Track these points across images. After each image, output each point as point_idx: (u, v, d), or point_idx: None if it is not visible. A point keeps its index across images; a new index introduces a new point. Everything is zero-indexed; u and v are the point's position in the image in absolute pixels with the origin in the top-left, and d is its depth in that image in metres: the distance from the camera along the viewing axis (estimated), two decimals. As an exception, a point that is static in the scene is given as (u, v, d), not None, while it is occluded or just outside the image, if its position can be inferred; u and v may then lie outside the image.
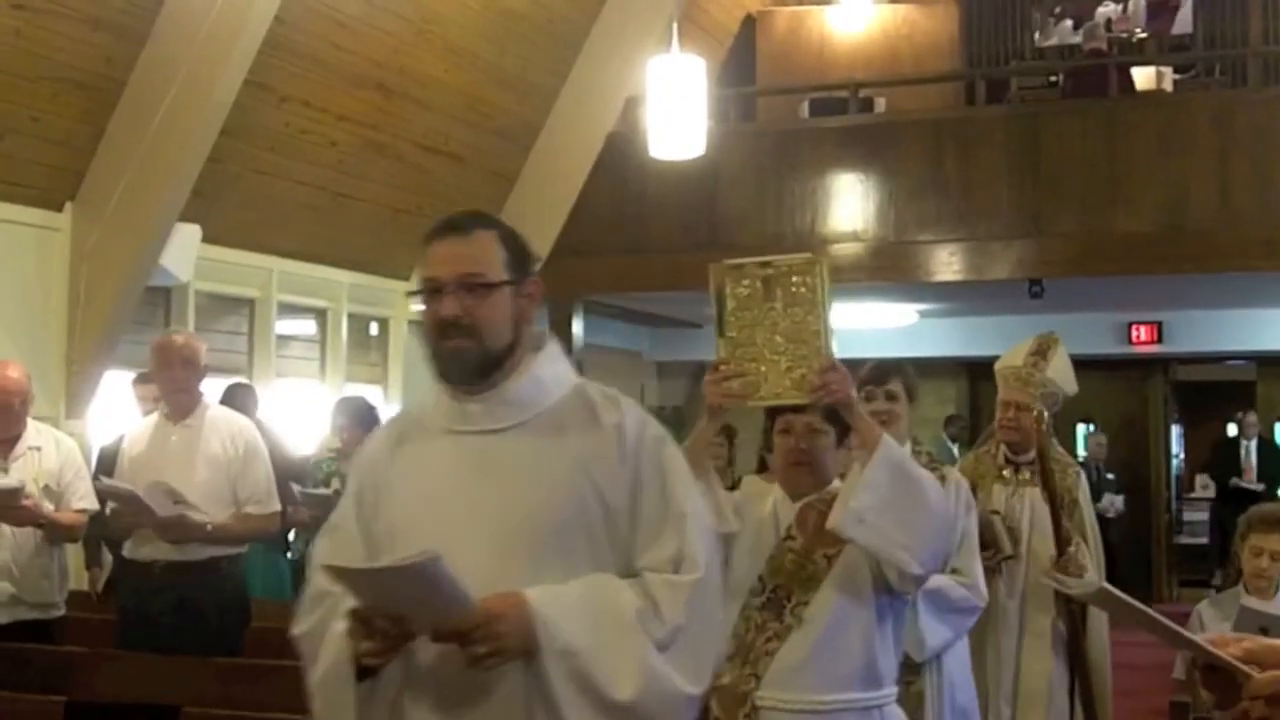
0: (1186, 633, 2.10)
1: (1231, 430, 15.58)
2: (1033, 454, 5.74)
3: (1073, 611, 5.61)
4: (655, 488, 2.79)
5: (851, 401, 3.68)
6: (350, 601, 2.64)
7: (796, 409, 3.82)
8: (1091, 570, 5.58)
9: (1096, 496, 14.41)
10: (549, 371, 2.91)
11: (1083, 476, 5.96)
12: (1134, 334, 14.92)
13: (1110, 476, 14.76)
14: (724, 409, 3.80)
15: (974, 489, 5.46)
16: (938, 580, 4.65)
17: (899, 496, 3.63)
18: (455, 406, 2.86)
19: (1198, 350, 15.30)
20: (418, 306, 2.88)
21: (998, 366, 5.92)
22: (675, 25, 9.29)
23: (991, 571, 5.39)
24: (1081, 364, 15.97)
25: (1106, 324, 14.79)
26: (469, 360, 2.80)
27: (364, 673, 2.68)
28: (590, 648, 2.61)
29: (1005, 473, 5.84)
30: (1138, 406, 16.23)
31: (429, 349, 2.85)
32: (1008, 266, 11.42)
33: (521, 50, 11.16)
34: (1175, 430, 17.09)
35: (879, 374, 5.03)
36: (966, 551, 4.85)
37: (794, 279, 3.66)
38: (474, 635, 2.55)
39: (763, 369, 3.67)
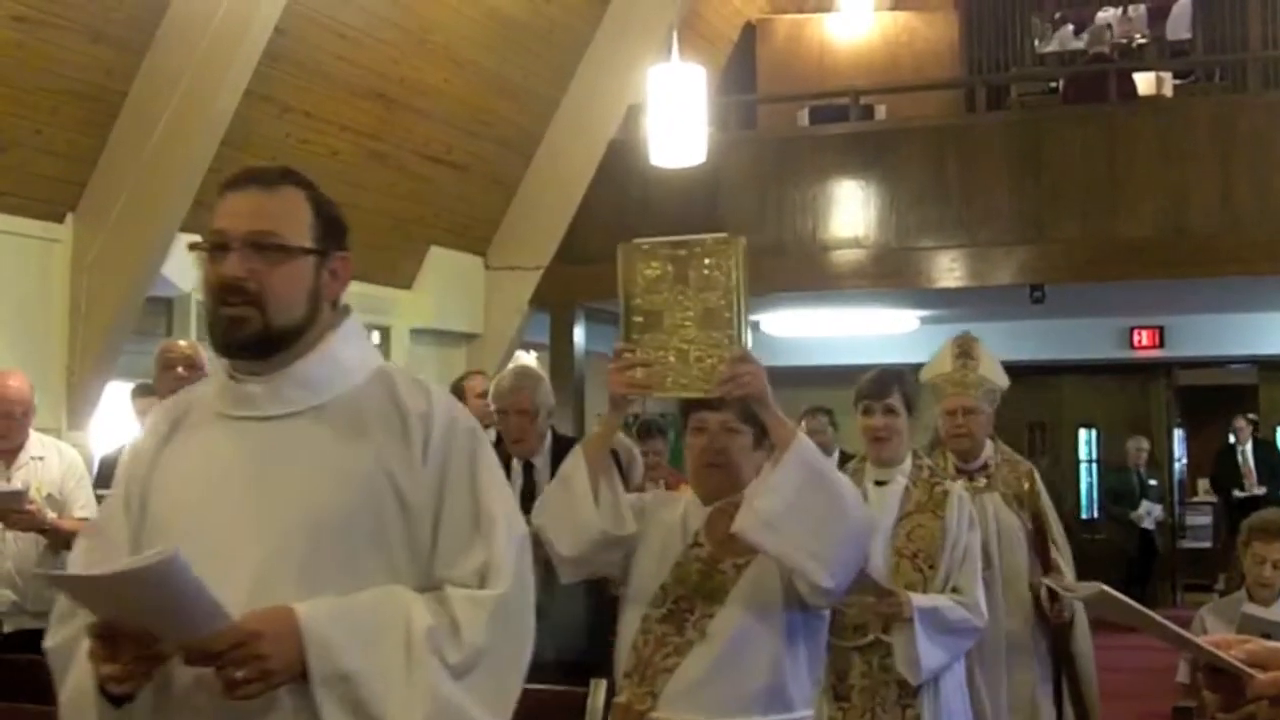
0: (1188, 635, 2.11)
1: (1232, 438, 15.53)
2: (983, 459, 5.60)
3: (1060, 619, 5.43)
4: (463, 488, 2.40)
5: (764, 396, 3.40)
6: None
7: (711, 406, 3.57)
8: (1070, 577, 5.45)
9: (1134, 504, 14.39)
10: (348, 352, 2.52)
11: (1037, 476, 5.68)
12: (1135, 339, 14.92)
13: (1153, 483, 14.59)
14: (628, 400, 3.57)
15: None
16: (935, 599, 4.55)
17: (811, 501, 3.35)
18: (234, 388, 2.45)
19: (1199, 354, 15.30)
20: (199, 259, 2.49)
21: (927, 377, 5.69)
22: (675, 33, 9.29)
23: None
24: (1083, 369, 15.98)
25: (1108, 329, 14.79)
26: (248, 333, 2.40)
27: (118, 700, 2.28)
28: (370, 673, 2.24)
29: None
30: (1140, 411, 16.22)
31: (207, 315, 2.46)
32: (1009, 272, 11.42)
33: (522, 59, 11.17)
34: (1177, 434, 17.08)
35: (877, 387, 4.82)
36: (969, 570, 4.69)
37: (706, 261, 3.42)
38: (231, 656, 2.16)
39: (671, 358, 3.41)
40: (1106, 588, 2.22)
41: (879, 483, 4.82)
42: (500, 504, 2.44)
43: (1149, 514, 14.34)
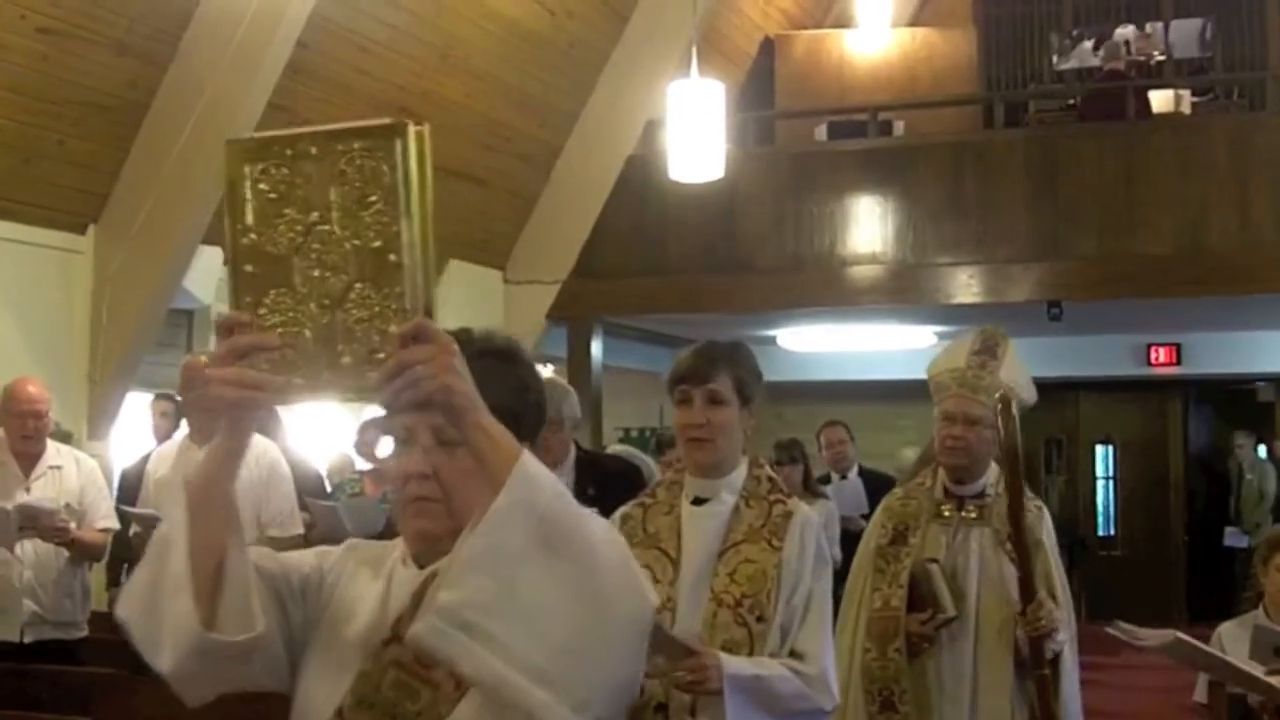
0: (1264, 678, 2.12)
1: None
2: (980, 484, 4.42)
3: (1045, 684, 4.20)
4: None
5: (452, 397, 1.83)
6: None
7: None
8: (1063, 628, 4.26)
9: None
10: None
11: (1045, 513, 4.49)
12: (1153, 355, 14.91)
13: None
14: (246, 412, 1.94)
15: (905, 533, 4.44)
16: (760, 666, 3.33)
17: (541, 579, 1.81)
18: None
19: (1216, 372, 15.28)
20: None
21: (932, 371, 4.57)
22: (694, 49, 9.31)
23: (927, 640, 4.29)
24: (1101, 385, 15.91)
25: (1125, 345, 14.79)
26: None
27: None
28: None
29: (945, 510, 4.46)
30: (1157, 428, 16.21)
31: None
32: (1026, 289, 11.43)
33: (542, 74, 11.22)
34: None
35: (698, 366, 3.51)
36: (814, 626, 3.43)
37: (358, 165, 1.89)
38: None
39: (307, 334, 1.89)
40: (1181, 635, 2.20)
41: (699, 500, 3.57)
42: None
43: None
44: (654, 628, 2.91)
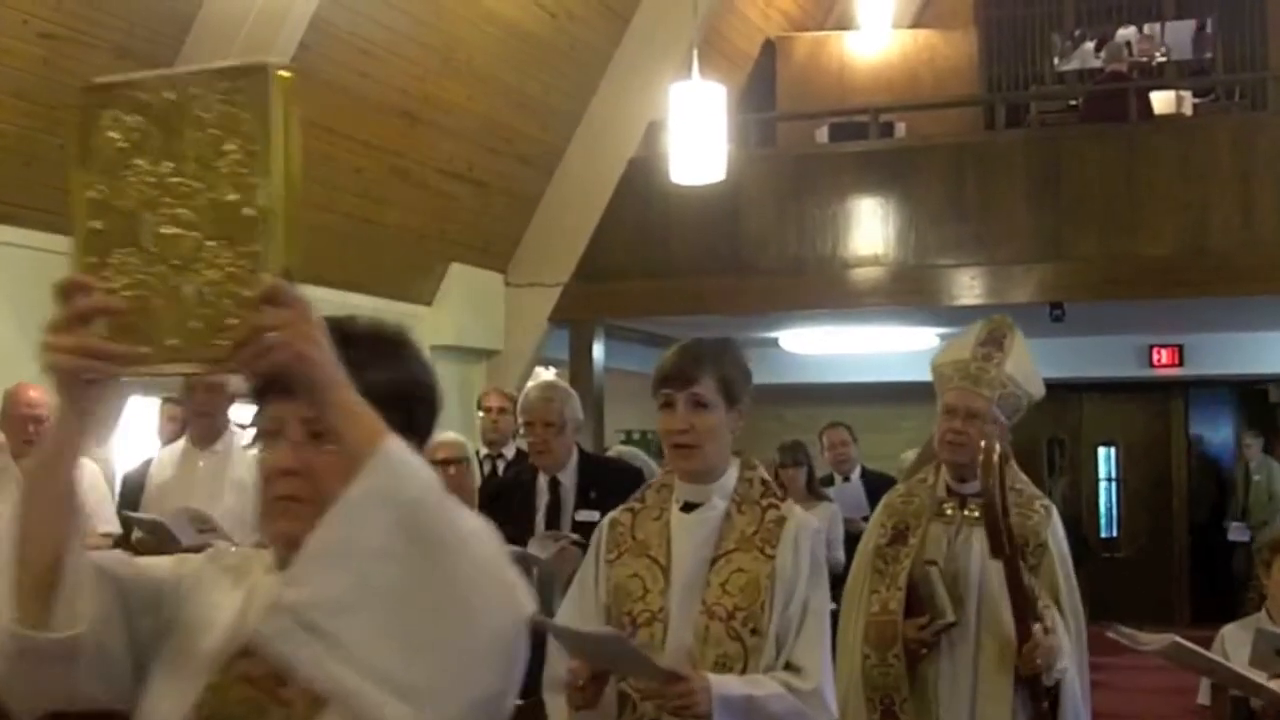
0: (1263, 682, 2.12)
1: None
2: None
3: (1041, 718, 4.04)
4: None
5: (311, 365, 1.69)
6: None
7: (285, 390, 1.77)
8: (1069, 648, 4.10)
9: None
10: None
11: (1053, 513, 4.30)
12: (1155, 357, 14.91)
13: None
14: (92, 383, 1.78)
15: (904, 533, 4.26)
16: (752, 684, 3.14)
17: (399, 575, 1.61)
18: None
19: (1219, 373, 15.27)
20: None
21: (936, 362, 4.42)
22: (696, 51, 9.31)
23: (925, 646, 4.13)
24: (1103, 386, 15.90)
25: (1128, 347, 14.78)
26: None
27: None
28: None
29: (947, 508, 4.27)
30: (1159, 429, 16.20)
31: None
32: (1028, 290, 11.42)
33: (544, 76, 11.22)
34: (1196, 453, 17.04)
35: (680, 368, 3.29)
36: (811, 637, 3.23)
37: (216, 110, 1.70)
38: None
39: (154, 297, 1.72)
40: (1180, 639, 2.20)
41: (688, 506, 3.39)
42: None
43: None
44: (635, 653, 2.95)
